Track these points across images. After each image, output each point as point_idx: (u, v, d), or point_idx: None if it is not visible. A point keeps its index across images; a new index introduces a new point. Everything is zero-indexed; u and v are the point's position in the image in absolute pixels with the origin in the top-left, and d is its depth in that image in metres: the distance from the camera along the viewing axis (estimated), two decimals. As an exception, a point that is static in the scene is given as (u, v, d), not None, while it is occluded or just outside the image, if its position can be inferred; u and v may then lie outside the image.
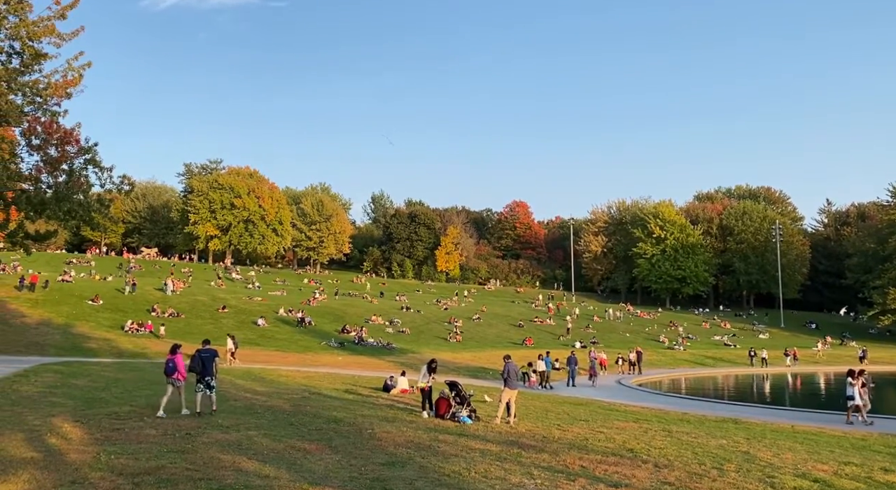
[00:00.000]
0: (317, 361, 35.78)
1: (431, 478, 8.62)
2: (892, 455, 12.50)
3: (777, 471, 10.02)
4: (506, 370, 15.61)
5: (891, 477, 9.86)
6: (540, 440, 12.63)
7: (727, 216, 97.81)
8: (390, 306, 62.53)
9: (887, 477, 9.85)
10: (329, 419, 14.21)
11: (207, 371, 13.95)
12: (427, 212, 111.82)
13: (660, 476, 9.29)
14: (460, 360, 39.99)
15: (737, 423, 17.73)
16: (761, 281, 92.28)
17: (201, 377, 13.86)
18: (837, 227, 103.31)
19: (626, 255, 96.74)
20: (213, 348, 14.65)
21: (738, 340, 61.29)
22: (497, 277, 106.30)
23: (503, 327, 58.62)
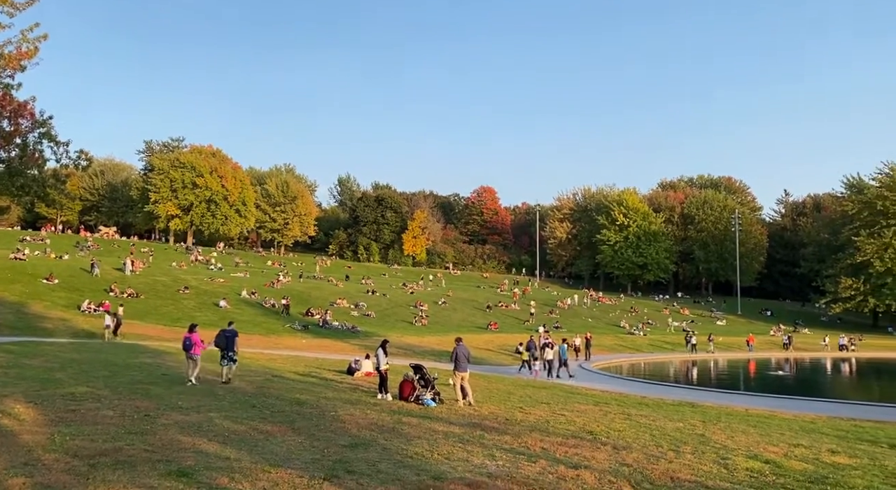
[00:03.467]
0: (280, 344, 35.49)
1: (394, 459, 8.65)
2: (839, 437, 12.99)
3: (731, 452, 10.33)
4: (454, 353, 15.75)
5: (837, 458, 10.25)
6: (502, 422, 12.78)
7: (689, 205, 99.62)
8: (356, 290, 62.26)
9: (834, 458, 10.23)
10: (292, 401, 14.13)
11: (231, 347, 16.59)
12: (394, 195, 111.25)
13: (618, 458, 9.49)
14: (426, 344, 40.12)
15: (693, 406, 18.19)
16: (720, 269, 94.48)
17: (225, 352, 16.56)
18: (794, 218, 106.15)
19: (590, 241, 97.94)
20: (235, 329, 17.40)
21: (696, 327, 62.70)
22: (464, 262, 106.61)
23: (469, 312, 58.92)
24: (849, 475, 8.91)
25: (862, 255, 69.85)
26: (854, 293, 70.38)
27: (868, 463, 9.96)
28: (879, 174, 76.26)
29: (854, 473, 9.05)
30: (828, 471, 9.17)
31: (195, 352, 16.25)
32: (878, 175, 76.31)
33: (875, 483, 8.45)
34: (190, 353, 16.29)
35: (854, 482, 8.40)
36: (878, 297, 70.06)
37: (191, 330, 16.61)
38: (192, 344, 16.24)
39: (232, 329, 17.23)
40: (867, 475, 8.98)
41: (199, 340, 16.40)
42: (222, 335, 16.75)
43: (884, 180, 74.69)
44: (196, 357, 16.28)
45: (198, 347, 16.31)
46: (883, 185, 73.89)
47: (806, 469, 9.24)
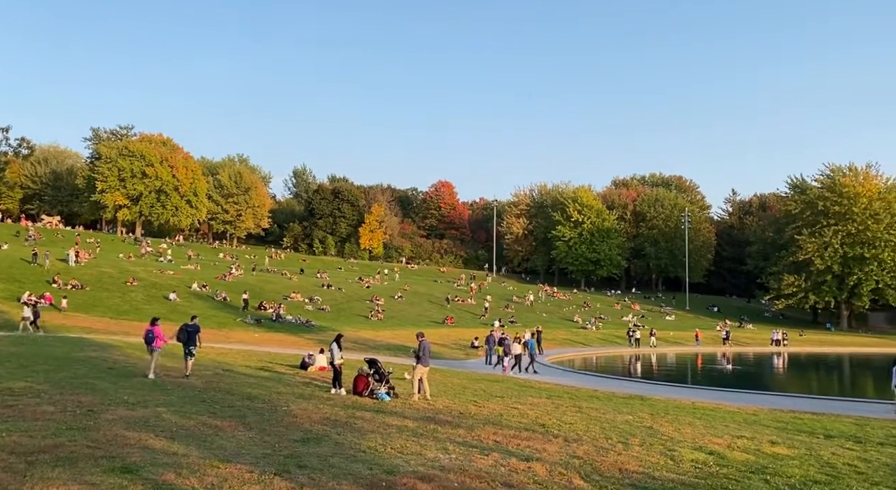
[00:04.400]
0: (231, 338, 34.82)
1: (347, 453, 8.60)
2: (779, 429, 13.49)
3: (677, 444, 10.61)
4: (420, 347, 15.75)
5: (777, 449, 10.65)
6: (456, 416, 12.84)
7: (641, 203, 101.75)
8: (311, 283, 61.55)
9: (774, 449, 10.63)
10: (243, 396, 13.91)
11: (192, 341, 16.72)
12: (351, 188, 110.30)
13: (569, 450, 9.65)
14: (381, 338, 39.96)
15: (643, 399, 18.62)
16: (670, 265, 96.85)
17: (186, 346, 16.63)
18: (741, 216, 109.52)
19: (545, 237, 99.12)
20: (198, 324, 17.48)
21: (646, 321, 64.18)
22: (421, 256, 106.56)
23: (425, 306, 58.94)
24: (787, 465, 9.26)
25: (803, 253, 72.58)
26: (796, 290, 73.15)
27: (805, 453, 10.38)
28: (821, 176, 79.37)
29: (792, 463, 9.42)
30: (768, 461, 9.52)
31: (157, 345, 16.35)
32: (820, 176, 79.42)
33: (811, 472, 8.82)
34: (151, 347, 16.36)
35: (791, 472, 8.74)
36: (818, 294, 72.98)
37: (153, 323, 16.76)
38: (154, 337, 16.33)
39: (194, 323, 17.32)
40: (804, 465, 9.35)
41: (161, 334, 16.51)
42: (184, 329, 16.91)
43: (825, 182, 77.73)
44: (158, 350, 16.41)
45: (159, 341, 16.41)
46: (824, 187, 76.88)
47: (747, 460, 9.57)
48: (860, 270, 70.85)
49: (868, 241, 71.01)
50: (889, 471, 9.27)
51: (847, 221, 72.25)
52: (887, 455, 10.65)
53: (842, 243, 71.92)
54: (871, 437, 12.65)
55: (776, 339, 54.78)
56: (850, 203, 72.30)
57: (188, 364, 16.80)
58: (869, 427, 14.16)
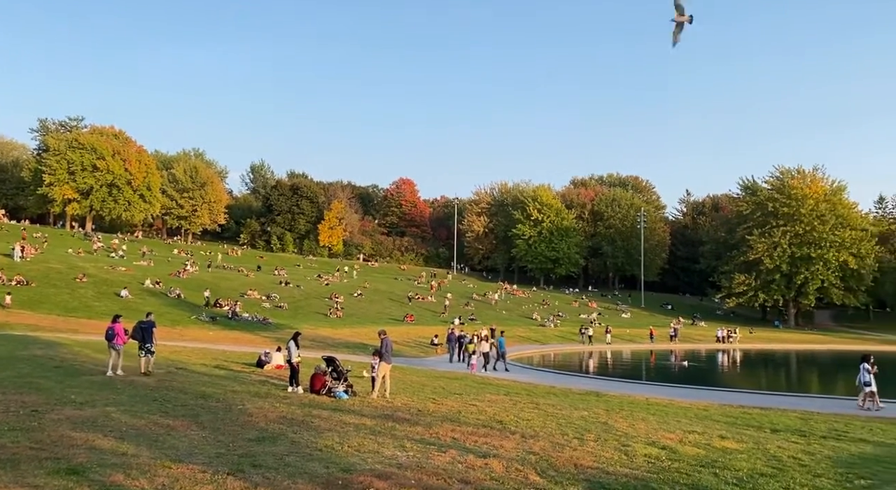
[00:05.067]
0: (185, 336, 34.08)
1: (303, 452, 8.51)
2: (729, 423, 13.89)
3: (631, 439, 10.82)
4: (383, 345, 15.68)
5: (726, 443, 10.96)
6: (415, 414, 12.83)
7: (599, 202, 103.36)
8: (268, 280, 60.71)
9: (723, 443, 10.94)
10: (196, 395, 13.63)
11: (147, 339, 16.68)
12: (310, 185, 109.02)
13: (526, 446, 9.74)
14: (339, 336, 39.68)
15: (598, 395, 18.94)
16: (626, 264, 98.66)
17: (142, 344, 16.62)
18: (694, 217, 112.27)
19: (505, 235, 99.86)
20: (153, 320, 17.40)
21: (602, 319, 65.28)
22: (381, 254, 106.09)
23: (385, 304, 58.73)
24: (735, 459, 9.54)
25: (754, 253, 74.81)
26: (746, 289, 75.36)
27: (753, 447, 10.71)
28: (771, 177, 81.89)
29: (740, 457, 9.71)
30: (717, 455, 9.78)
31: (118, 342, 16.32)
32: (770, 178, 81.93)
33: (758, 465, 9.10)
34: (112, 344, 16.34)
35: (740, 465, 9.00)
36: (767, 293, 75.34)
37: (114, 320, 16.80)
38: (115, 334, 16.32)
39: (149, 320, 17.31)
40: (751, 458, 9.65)
41: (121, 331, 16.50)
42: (139, 327, 16.93)
43: (774, 183, 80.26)
44: (119, 348, 16.37)
45: (120, 338, 16.37)
46: (774, 188, 79.37)
47: (698, 454, 9.82)
48: (807, 270, 73.38)
49: (814, 242, 73.57)
50: (830, 463, 9.63)
51: (795, 222, 74.71)
52: (829, 448, 11.07)
53: (790, 243, 74.35)
54: (814, 430, 13.14)
55: (721, 337, 56.34)
56: (798, 204, 74.80)
57: (144, 362, 16.73)
58: (813, 421, 14.70)
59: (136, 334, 16.83)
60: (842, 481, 8.33)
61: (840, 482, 8.28)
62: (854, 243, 72.97)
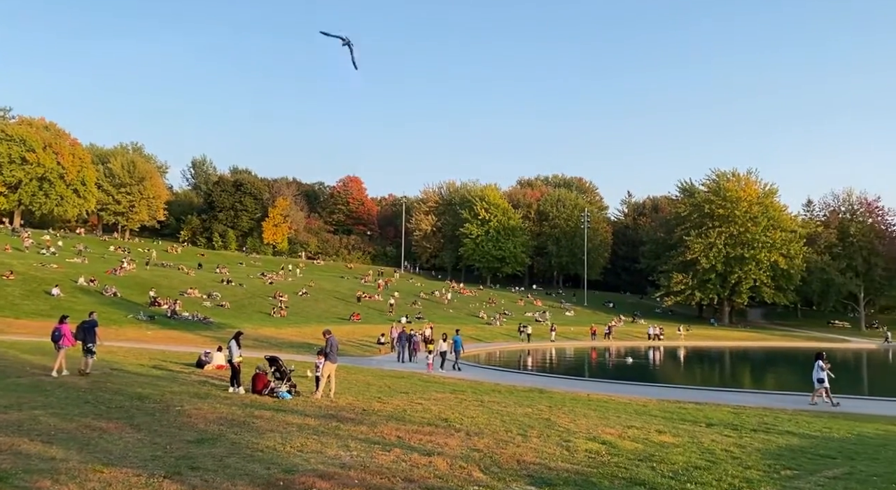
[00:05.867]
0: (121, 336, 32.87)
1: (244, 453, 8.34)
2: (666, 418, 14.34)
3: (573, 435, 11.04)
4: (328, 344, 15.52)
5: (663, 437, 11.31)
6: (359, 413, 12.75)
7: (544, 202, 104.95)
8: (209, 279, 59.20)
9: (660, 437, 11.28)
10: (132, 396, 13.17)
11: (90, 338, 16.61)
12: (254, 181, 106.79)
13: (470, 443, 9.81)
14: (283, 336, 39.04)
15: (542, 392, 19.23)
16: (570, 263, 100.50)
17: (84, 344, 16.56)
18: (635, 217, 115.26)
19: (453, 234, 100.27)
20: (95, 319, 17.28)
21: (546, 317, 66.31)
22: (328, 252, 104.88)
23: (331, 302, 58.09)
24: (672, 452, 9.86)
25: (691, 253, 77.35)
26: (684, 287, 77.85)
27: (688, 441, 11.09)
28: (708, 180, 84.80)
29: (676, 451, 10.04)
30: (654, 449, 10.08)
31: (64, 343, 16.23)
32: (707, 181, 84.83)
33: (693, 459, 9.42)
34: (59, 345, 16.25)
35: (675, 459, 9.30)
36: (703, 292, 78.04)
37: (61, 321, 16.71)
38: (62, 335, 16.25)
39: (91, 319, 17.17)
40: (687, 452, 9.99)
41: (68, 332, 16.44)
42: (81, 327, 16.82)
43: (711, 186, 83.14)
44: (64, 349, 16.29)
45: (67, 339, 16.30)
46: (710, 190, 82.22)
47: (636, 448, 10.10)
48: (740, 269, 76.33)
49: (748, 243, 76.59)
50: (760, 455, 10.07)
51: (730, 224, 77.61)
52: (759, 440, 11.57)
53: (725, 244, 77.19)
54: (745, 424, 13.70)
55: (652, 334, 58.11)
56: (733, 206, 77.71)
57: (83, 362, 16.59)
58: (745, 415, 15.33)
59: (79, 334, 16.70)
60: (769, 472, 8.72)
61: (768, 473, 8.65)
62: (784, 244, 76.31)
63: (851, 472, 8.90)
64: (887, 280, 79.21)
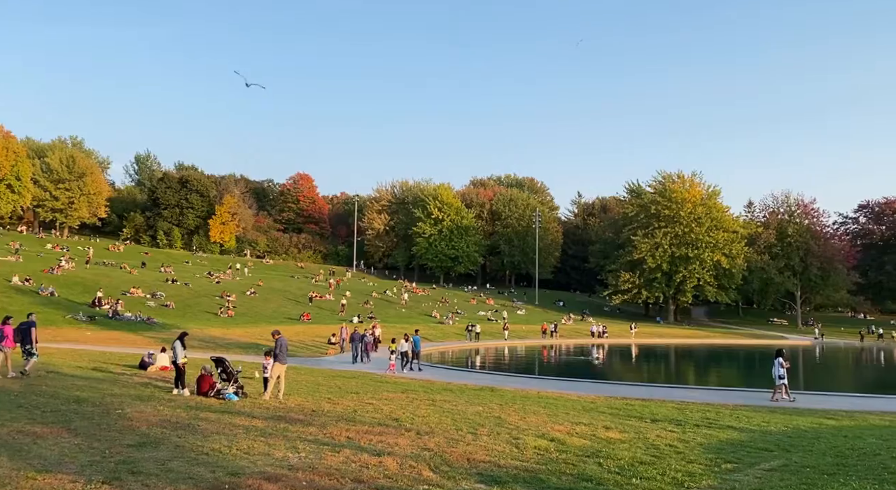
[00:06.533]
0: (59, 337, 31.58)
1: (188, 457, 8.12)
2: (613, 415, 14.63)
3: (522, 432, 11.15)
4: (277, 345, 15.26)
5: (610, 434, 11.54)
6: (309, 414, 12.58)
7: (497, 202, 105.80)
8: (153, 278, 57.51)
9: (608, 434, 11.51)
10: (69, 399, 12.67)
11: (27, 340, 16.48)
12: (201, 178, 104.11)
13: (420, 442, 9.80)
14: (231, 336, 38.20)
15: (493, 390, 19.36)
16: (522, 262, 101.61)
17: (22, 346, 16.43)
18: (585, 217, 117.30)
19: (406, 233, 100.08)
20: (34, 320, 17.13)
21: (498, 316, 66.83)
22: (277, 251, 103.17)
23: (281, 302, 57.14)
24: (618, 448, 10.06)
25: (638, 252, 79.19)
26: (631, 286, 79.65)
27: (634, 437, 11.34)
28: (654, 182, 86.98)
29: (622, 446, 10.25)
30: (602, 445, 10.27)
31: (6, 344, 15.92)
32: (653, 182, 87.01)
33: (638, 454, 9.64)
34: (1, 346, 15.92)
35: (622, 454, 9.50)
36: (649, 290, 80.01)
37: (3, 322, 16.30)
38: (4, 337, 15.94)
39: (30, 320, 17.02)
40: (633, 447, 10.21)
41: (10, 333, 16.10)
42: (19, 328, 16.59)
43: (657, 187, 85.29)
44: (7, 350, 15.94)
45: (8, 341, 15.95)
46: (656, 192, 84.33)
47: (584, 445, 10.27)
48: (685, 269, 78.57)
49: (692, 243, 78.89)
50: (702, 450, 10.37)
51: (675, 224, 79.78)
52: (702, 435, 11.92)
53: (670, 244, 79.32)
54: (689, 419, 14.09)
55: (596, 332, 59.26)
56: (678, 207, 79.91)
57: (30, 363, 16.44)
58: (688, 411, 15.77)
59: (16, 336, 16.38)
60: (711, 466, 8.99)
61: (709, 467, 8.92)
62: (726, 244, 78.88)
63: (787, 464, 9.26)
64: (822, 279, 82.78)
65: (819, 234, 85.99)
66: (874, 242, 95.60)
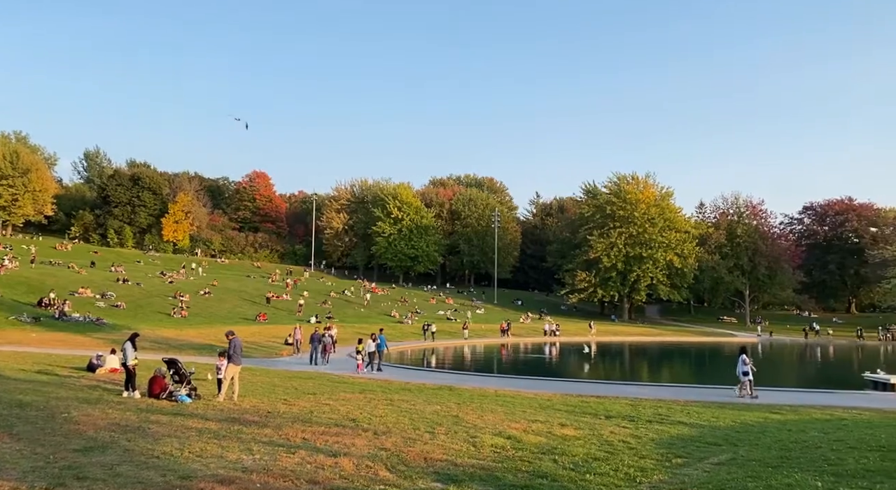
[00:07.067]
0: (2, 339, 30.37)
1: (137, 461, 7.92)
2: (569, 412, 14.85)
3: (479, 431, 11.22)
4: (231, 346, 15.00)
5: (565, 430, 11.71)
6: (264, 415, 12.41)
7: (456, 201, 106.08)
8: (103, 278, 55.85)
9: (563, 431, 11.67)
10: (11, 403, 12.21)
11: None
12: (153, 175, 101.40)
13: (377, 442, 9.77)
14: (184, 337, 37.36)
15: (451, 389, 19.41)
16: (481, 262, 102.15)
17: None
18: (543, 217, 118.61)
19: (365, 233, 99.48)
20: None
21: (458, 315, 67.07)
22: (233, 250, 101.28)
23: (236, 302, 56.13)
24: (573, 445, 10.22)
25: (594, 252, 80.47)
26: (587, 285, 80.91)
27: (589, 433, 11.53)
28: (609, 183, 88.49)
29: (577, 443, 10.42)
30: (557, 442, 10.42)
31: None
32: (609, 183, 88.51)
33: (592, 450, 9.81)
34: None
35: (576, 451, 9.65)
36: (605, 289, 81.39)
37: None
38: None
39: None
40: (587, 444, 10.39)
41: None
42: None
43: (612, 188, 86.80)
44: None
45: None
46: (611, 193, 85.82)
47: (540, 442, 10.39)
48: (639, 268, 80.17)
49: (645, 242, 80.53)
50: (654, 445, 10.62)
51: (630, 224, 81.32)
52: (654, 431, 12.20)
53: (625, 244, 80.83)
54: (642, 415, 14.40)
55: (548, 330, 60.04)
56: (633, 208, 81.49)
57: None
58: (641, 407, 16.11)
59: None
60: (662, 461, 9.21)
61: (660, 462, 9.14)
62: (679, 244, 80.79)
63: (734, 458, 9.55)
64: (769, 278, 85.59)
65: (766, 235, 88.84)
66: (818, 242, 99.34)
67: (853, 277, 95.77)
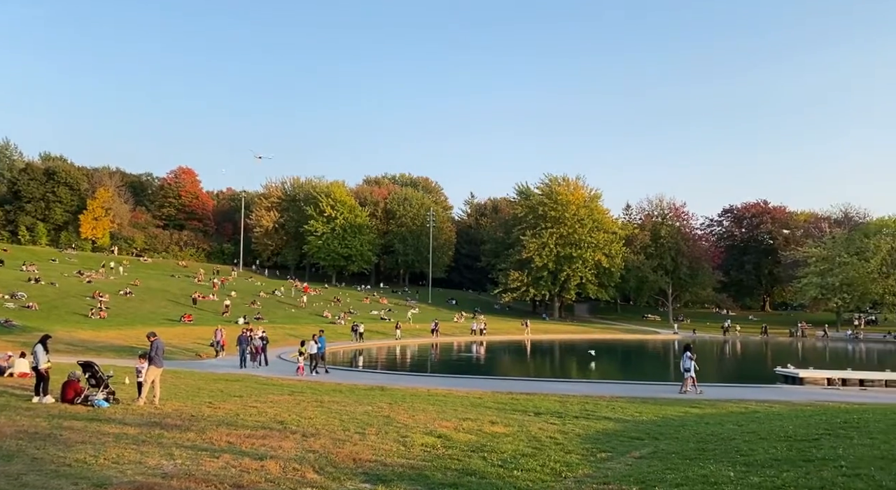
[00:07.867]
0: None
1: (47, 469, 7.50)
2: (499, 409, 15.04)
3: (410, 430, 11.21)
4: (153, 347, 14.44)
5: (495, 428, 11.85)
6: (187, 419, 11.99)
7: (391, 201, 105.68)
8: (13, 277, 52.67)
9: (493, 428, 11.81)
10: None
11: None
12: (70, 169, 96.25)
13: (306, 445, 9.61)
14: (103, 339, 35.69)
15: (383, 390, 19.33)
16: (416, 261, 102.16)
17: None
18: (477, 218, 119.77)
19: (297, 231, 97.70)
20: None
21: (391, 315, 66.86)
22: (156, 248, 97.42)
23: (159, 303, 54.04)
24: (502, 442, 10.36)
25: (527, 251, 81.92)
26: (520, 285, 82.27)
27: (518, 430, 11.71)
28: (542, 184, 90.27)
29: (506, 440, 10.56)
30: (487, 440, 10.53)
31: None
32: (541, 185, 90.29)
33: (520, 447, 9.97)
34: None
35: (505, 448, 9.78)
36: (537, 288, 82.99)
37: None
38: None
39: None
40: (516, 440, 10.54)
41: None
42: None
43: (544, 189, 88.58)
44: None
45: None
46: (543, 194, 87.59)
47: (470, 440, 10.48)
48: (569, 267, 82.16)
49: (575, 243, 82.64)
50: (580, 440, 10.89)
51: (560, 225, 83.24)
52: (581, 426, 12.52)
53: (556, 244, 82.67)
54: (569, 411, 14.76)
55: (475, 329, 60.82)
56: (563, 209, 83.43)
57: None
58: (569, 403, 16.50)
59: None
60: (587, 456, 9.46)
61: (586, 456, 9.38)
62: (606, 245, 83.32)
63: (655, 451, 9.91)
64: (690, 278, 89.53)
65: (688, 236, 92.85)
66: (736, 244, 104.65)
67: (767, 277, 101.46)
